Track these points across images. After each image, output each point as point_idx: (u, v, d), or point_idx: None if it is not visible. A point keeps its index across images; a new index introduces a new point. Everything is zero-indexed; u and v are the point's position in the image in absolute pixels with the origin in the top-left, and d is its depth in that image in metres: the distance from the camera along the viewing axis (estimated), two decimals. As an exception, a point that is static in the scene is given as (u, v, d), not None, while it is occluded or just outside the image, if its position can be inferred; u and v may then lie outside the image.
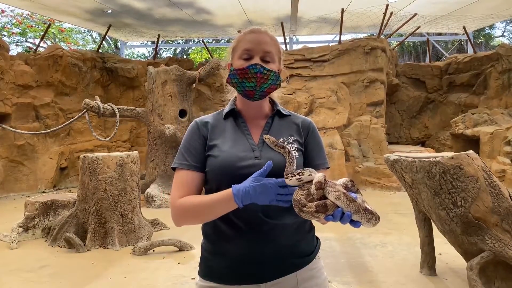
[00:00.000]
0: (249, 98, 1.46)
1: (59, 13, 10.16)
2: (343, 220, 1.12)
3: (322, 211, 1.13)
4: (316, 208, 1.13)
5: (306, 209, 1.14)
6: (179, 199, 1.36)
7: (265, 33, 1.46)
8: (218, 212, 1.30)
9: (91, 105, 7.23)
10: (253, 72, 1.39)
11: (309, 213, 1.14)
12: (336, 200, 1.13)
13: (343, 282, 3.63)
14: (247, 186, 1.21)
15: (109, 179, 4.84)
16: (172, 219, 1.38)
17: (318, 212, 1.13)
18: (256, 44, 1.42)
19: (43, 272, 4.02)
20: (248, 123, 1.49)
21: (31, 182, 8.77)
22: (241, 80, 1.42)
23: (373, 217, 1.12)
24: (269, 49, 1.43)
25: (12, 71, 8.80)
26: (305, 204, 1.15)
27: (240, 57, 1.44)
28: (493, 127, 8.57)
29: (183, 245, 4.61)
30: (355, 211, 1.11)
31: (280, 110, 1.55)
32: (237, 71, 1.42)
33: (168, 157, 7.75)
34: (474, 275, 3.10)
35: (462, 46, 17.68)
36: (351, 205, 1.11)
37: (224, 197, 1.25)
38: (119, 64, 10.83)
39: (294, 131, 1.50)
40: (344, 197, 1.11)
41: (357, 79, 9.27)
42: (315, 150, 1.50)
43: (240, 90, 1.45)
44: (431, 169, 3.19)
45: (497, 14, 10.38)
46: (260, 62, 1.41)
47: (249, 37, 1.44)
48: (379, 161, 8.51)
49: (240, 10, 9.82)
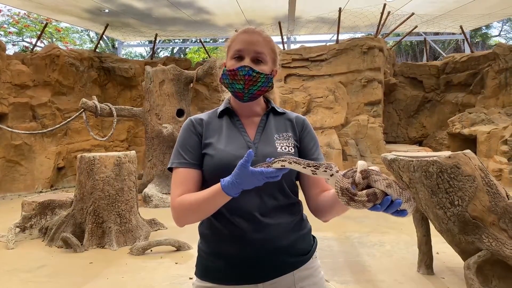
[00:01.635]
0: (239, 99, 1.46)
1: (56, 12, 10.13)
2: (390, 209, 1.08)
3: (373, 200, 1.08)
4: (367, 197, 1.08)
5: (357, 198, 1.09)
6: (177, 198, 1.35)
7: (258, 33, 1.44)
8: (214, 206, 1.29)
9: (88, 105, 7.22)
10: (242, 74, 1.39)
11: (360, 202, 1.09)
12: (386, 188, 1.08)
13: (341, 281, 3.63)
14: (232, 175, 1.20)
15: (106, 179, 4.83)
16: (173, 220, 1.37)
17: (369, 201, 1.08)
18: (248, 45, 1.41)
19: (40, 272, 4.01)
20: (243, 121, 1.49)
21: (28, 182, 8.74)
22: (231, 81, 1.42)
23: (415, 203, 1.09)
24: (260, 49, 1.42)
25: (9, 70, 8.76)
26: (355, 193, 1.10)
27: (232, 57, 1.43)
28: (490, 127, 8.59)
29: (180, 244, 4.60)
30: (407, 199, 1.07)
31: (275, 108, 1.55)
32: (228, 72, 1.42)
33: (165, 156, 7.74)
34: (472, 274, 3.10)
35: (459, 46, 17.72)
36: (403, 193, 1.07)
37: (216, 191, 1.24)
38: (116, 63, 10.81)
39: (289, 127, 1.50)
40: (396, 185, 1.07)
41: (355, 78, 9.28)
42: (310, 146, 1.50)
43: (231, 91, 1.45)
44: (428, 169, 3.20)
45: (494, 13, 10.41)
46: (251, 63, 1.40)
47: (242, 37, 1.43)
48: (376, 160, 8.52)
49: (238, 10, 9.82)
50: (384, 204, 1.08)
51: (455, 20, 10.82)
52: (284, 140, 1.44)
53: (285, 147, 1.42)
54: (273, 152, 1.38)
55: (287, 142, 1.43)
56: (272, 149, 1.40)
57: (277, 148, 1.41)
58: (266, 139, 1.44)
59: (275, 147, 1.41)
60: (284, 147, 1.42)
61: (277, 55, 1.52)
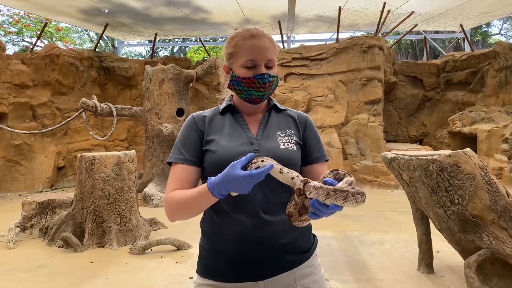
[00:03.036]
0: (254, 104, 1.46)
1: (54, 13, 10.12)
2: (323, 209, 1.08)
3: (303, 212, 1.12)
4: (298, 212, 1.13)
5: (292, 218, 1.15)
6: (169, 193, 1.36)
7: (264, 37, 1.43)
8: (201, 206, 1.29)
9: (88, 104, 7.21)
10: (262, 82, 1.40)
11: (297, 220, 1.14)
12: (308, 194, 1.11)
13: (341, 280, 3.63)
14: (220, 174, 1.20)
15: (106, 179, 4.83)
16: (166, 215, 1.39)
17: (301, 215, 1.12)
18: (260, 52, 1.40)
19: (40, 272, 4.01)
20: (246, 117, 1.50)
21: (29, 182, 8.74)
22: (247, 88, 1.42)
23: (348, 194, 1.06)
24: (271, 56, 1.43)
25: (9, 70, 8.76)
26: (291, 214, 1.15)
27: (243, 65, 1.41)
28: (490, 125, 8.59)
29: (181, 244, 4.60)
30: (325, 195, 1.07)
31: (277, 105, 1.56)
32: (242, 79, 1.41)
33: (165, 156, 7.73)
34: (472, 273, 3.10)
35: (459, 44, 17.70)
36: (320, 192, 1.07)
37: (202, 190, 1.24)
38: (116, 63, 10.80)
39: (292, 124, 1.51)
40: (313, 187, 1.09)
41: (355, 77, 9.27)
42: (313, 144, 1.51)
43: (245, 97, 1.45)
44: (428, 167, 3.20)
45: (494, 11, 10.39)
46: (265, 70, 1.41)
47: (251, 44, 1.41)
48: (376, 159, 8.52)
49: (237, 8, 9.80)
50: (315, 209, 1.09)
51: (455, 19, 10.80)
52: (287, 137, 1.44)
53: (287, 143, 1.42)
54: (275, 148, 1.39)
55: (290, 138, 1.44)
56: (275, 145, 1.41)
57: (280, 144, 1.41)
58: (268, 135, 1.44)
59: (278, 143, 1.41)
60: (286, 143, 1.42)
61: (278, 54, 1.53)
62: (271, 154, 1.32)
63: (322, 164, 1.51)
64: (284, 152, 1.39)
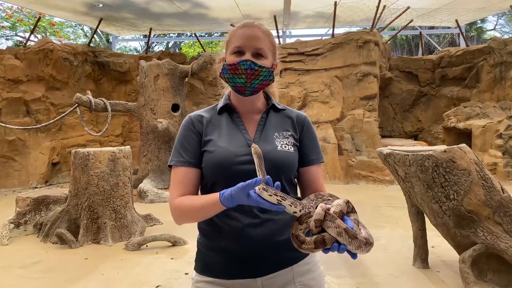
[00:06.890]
0: (241, 94, 1.44)
1: (49, 8, 10.03)
2: (340, 251, 1.12)
3: (321, 246, 1.12)
4: (315, 245, 1.12)
5: (305, 246, 1.14)
6: (176, 199, 1.36)
7: (257, 28, 1.43)
8: (210, 213, 1.31)
9: (82, 100, 7.16)
10: (243, 68, 1.37)
11: (308, 249, 1.14)
12: (337, 236, 1.11)
13: (336, 275, 3.64)
14: (231, 191, 1.19)
15: (101, 174, 4.80)
16: (172, 218, 1.40)
17: (317, 248, 1.12)
18: (248, 40, 1.40)
19: (35, 268, 3.99)
20: (243, 118, 1.48)
21: (23, 178, 8.69)
22: (232, 76, 1.40)
23: (370, 247, 1.13)
24: (261, 45, 1.41)
25: (2, 65, 8.68)
26: (303, 240, 1.14)
27: (232, 52, 1.42)
28: (485, 120, 8.62)
29: (176, 240, 4.60)
30: (357, 247, 1.10)
31: (275, 104, 1.54)
32: (229, 66, 1.40)
33: (160, 151, 7.71)
34: (467, 268, 3.12)
35: (454, 40, 17.75)
36: (353, 242, 1.10)
37: (214, 202, 1.24)
38: (110, 58, 10.73)
39: (289, 125, 1.50)
40: (346, 234, 1.10)
41: (350, 72, 9.27)
42: (310, 145, 1.50)
43: (232, 85, 1.44)
44: (424, 163, 3.20)
45: (489, 7, 10.42)
46: (252, 58, 1.39)
47: (241, 32, 1.42)
48: (372, 154, 8.54)
49: (233, 4, 9.76)
50: (333, 249, 1.12)
51: (451, 14, 10.82)
52: (284, 139, 1.44)
53: (285, 145, 1.42)
54: (272, 150, 1.38)
55: (287, 140, 1.44)
56: (272, 147, 1.39)
57: (277, 146, 1.40)
58: (266, 137, 1.43)
59: (275, 145, 1.40)
60: (284, 145, 1.42)
61: (276, 49, 1.51)
62: (268, 156, 1.31)
63: (317, 166, 1.50)
64: (282, 154, 1.39)
